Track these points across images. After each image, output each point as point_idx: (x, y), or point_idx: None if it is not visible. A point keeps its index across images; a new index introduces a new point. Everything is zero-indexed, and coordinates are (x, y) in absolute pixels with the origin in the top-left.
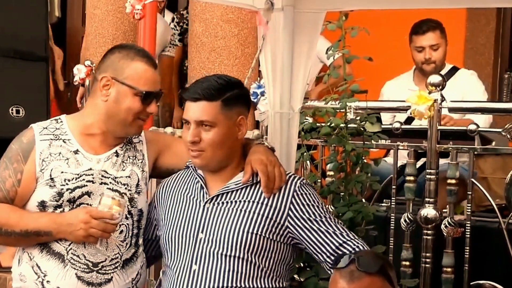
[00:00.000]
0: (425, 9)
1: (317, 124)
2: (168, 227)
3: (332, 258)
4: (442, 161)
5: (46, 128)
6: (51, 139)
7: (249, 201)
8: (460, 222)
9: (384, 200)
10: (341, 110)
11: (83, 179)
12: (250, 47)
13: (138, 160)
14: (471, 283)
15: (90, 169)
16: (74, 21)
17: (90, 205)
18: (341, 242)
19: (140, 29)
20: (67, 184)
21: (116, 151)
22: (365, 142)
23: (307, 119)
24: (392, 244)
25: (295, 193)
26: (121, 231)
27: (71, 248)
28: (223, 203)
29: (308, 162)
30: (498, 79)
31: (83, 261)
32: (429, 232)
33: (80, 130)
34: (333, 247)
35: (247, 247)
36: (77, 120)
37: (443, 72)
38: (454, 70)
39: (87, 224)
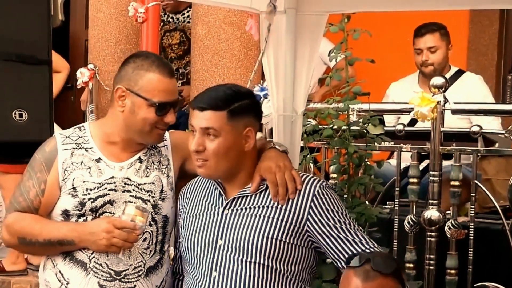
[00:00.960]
0: (428, 11)
1: (320, 126)
2: (188, 234)
3: None
4: (445, 162)
5: (68, 137)
6: (73, 148)
7: (267, 206)
8: (464, 224)
9: (388, 202)
10: (344, 112)
11: (105, 188)
12: (253, 50)
13: (163, 165)
14: (475, 285)
15: (112, 177)
16: (77, 24)
17: (113, 213)
18: (360, 250)
19: (143, 32)
20: (89, 193)
21: (140, 157)
22: (368, 144)
23: (309, 121)
24: (395, 246)
25: (314, 197)
26: (145, 239)
27: (93, 257)
28: (241, 209)
29: (311, 164)
30: (502, 80)
31: (105, 270)
32: (432, 234)
33: (102, 138)
34: (351, 255)
35: (267, 252)
36: (99, 127)
37: (448, 75)
38: (459, 73)
39: (110, 233)
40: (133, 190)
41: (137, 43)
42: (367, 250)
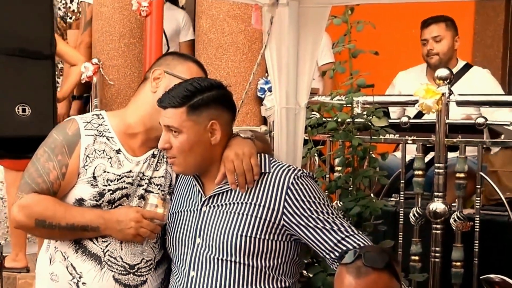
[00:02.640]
0: (433, 2)
1: (324, 119)
2: (171, 231)
3: (333, 254)
4: (451, 155)
5: (89, 122)
6: (96, 135)
7: (242, 203)
8: (469, 216)
9: (393, 195)
10: (348, 105)
11: (124, 181)
12: (257, 43)
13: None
14: (480, 277)
15: (130, 171)
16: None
17: None
18: (339, 238)
19: (146, 26)
20: (109, 185)
21: (154, 152)
22: (372, 137)
23: (314, 114)
24: (401, 238)
25: (288, 189)
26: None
27: (108, 250)
28: (218, 205)
29: (316, 157)
30: (508, 71)
31: (120, 263)
32: (438, 226)
33: (121, 129)
34: (332, 244)
35: (242, 251)
36: (119, 118)
37: (456, 68)
38: (467, 67)
39: (138, 223)
40: (146, 184)
41: (141, 37)
42: (349, 238)
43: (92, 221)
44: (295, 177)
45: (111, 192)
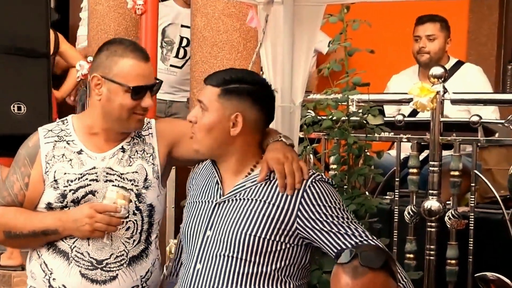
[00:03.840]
0: (428, 0)
1: (319, 117)
2: (185, 223)
3: None
4: (446, 153)
5: (51, 130)
6: (55, 141)
7: (260, 201)
8: (464, 214)
9: (388, 193)
10: (343, 103)
11: (86, 179)
12: (252, 41)
13: (147, 154)
14: (475, 275)
15: (94, 167)
16: (76, 17)
17: None
18: (354, 243)
19: (142, 24)
20: (69, 185)
21: (122, 146)
22: (367, 135)
23: (309, 112)
24: (396, 236)
25: (304, 192)
26: (128, 228)
27: (75, 246)
28: (232, 200)
29: (311, 155)
30: (502, 70)
31: (87, 259)
32: (432, 224)
33: (84, 130)
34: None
35: (251, 250)
36: (81, 120)
37: (447, 66)
38: (459, 64)
39: (92, 218)
40: (116, 179)
41: (136, 35)
42: (363, 243)
43: (50, 225)
44: (313, 181)
45: (72, 191)
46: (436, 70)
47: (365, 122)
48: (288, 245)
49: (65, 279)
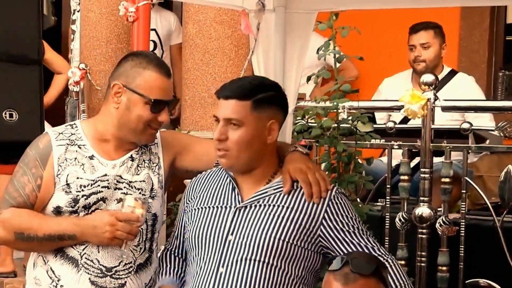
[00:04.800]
0: (419, 8)
1: (309, 125)
2: (196, 227)
3: None
4: (436, 159)
5: (61, 133)
6: (67, 144)
7: (282, 206)
8: (455, 221)
9: (379, 200)
10: (333, 110)
11: (98, 185)
12: (244, 48)
13: (153, 163)
14: (466, 281)
15: (105, 174)
16: (68, 24)
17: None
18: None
19: (134, 31)
20: (82, 190)
21: (131, 155)
22: (358, 142)
23: (299, 119)
24: (387, 243)
25: (330, 202)
26: (135, 236)
27: (85, 253)
28: (255, 206)
29: None
30: (493, 77)
31: (96, 266)
32: (424, 231)
33: (94, 136)
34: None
35: (277, 253)
36: (91, 125)
37: (441, 75)
38: (452, 73)
39: (113, 226)
40: (125, 187)
41: (128, 42)
42: (380, 257)
43: (67, 230)
44: (336, 192)
45: (85, 197)
46: (427, 78)
47: (355, 129)
48: (309, 252)
49: (74, 286)
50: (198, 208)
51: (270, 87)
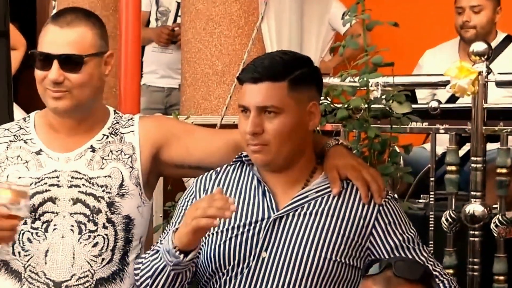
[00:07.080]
0: None
1: (334, 106)
2: (216, 242)
3: None
4: (491, 146)
5: (7, 129)
6: (10, 141)
7: (327, 215)
8: None
9: (421, 195)
10: (362, 88)
11: (45, 183)
12: (256, 14)
13: (125, 155)
14: None
15: (55, 170)
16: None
17: (57, 213)
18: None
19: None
20: None
21: (92, 145)
22: (393, 126)
23: (322, 99)
24: (432, 248)
25: (380, 208)
26: (96, 243)
27: (29, 265)
28: (297, 215)
29: None
30: None
31: (42, 280)
32: (476, 233)
33: (46, 127)
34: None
35: (321, 275)
36: (44, 115)
37: (494, 42)
38: (508, 40)
39: None
40: (83, 185)
41: (116, 9)
42: (437, 275)
43: None
44: (387, 196)
45: None
46: (478, 46)
47: (389, 110)
48: (356, 270)
49: None
50: (221, 232)
51: (304, 61)
